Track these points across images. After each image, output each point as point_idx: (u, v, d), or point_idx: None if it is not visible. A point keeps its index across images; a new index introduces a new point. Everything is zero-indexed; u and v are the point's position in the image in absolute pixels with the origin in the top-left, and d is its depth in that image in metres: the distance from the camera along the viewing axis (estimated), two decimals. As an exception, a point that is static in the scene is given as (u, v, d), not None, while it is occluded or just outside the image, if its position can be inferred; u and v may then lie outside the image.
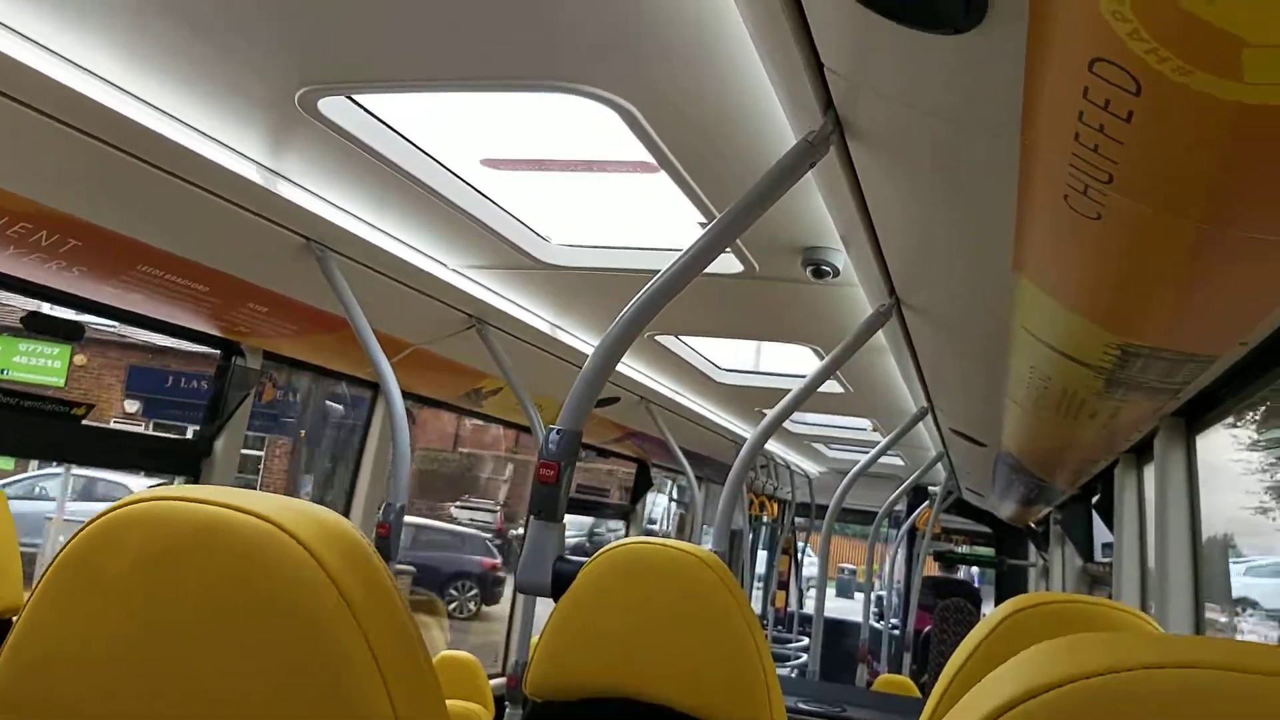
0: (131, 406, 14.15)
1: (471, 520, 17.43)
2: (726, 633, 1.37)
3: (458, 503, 17.93)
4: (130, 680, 0.62)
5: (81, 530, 0.66)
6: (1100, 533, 4.31)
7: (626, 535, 6.66)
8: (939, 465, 5.44)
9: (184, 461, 2.80)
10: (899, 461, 6.56)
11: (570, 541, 1.57)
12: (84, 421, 2.45)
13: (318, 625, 0.61)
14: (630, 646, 1.39)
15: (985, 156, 1.20)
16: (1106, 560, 4.18)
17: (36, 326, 2.43)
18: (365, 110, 1.83)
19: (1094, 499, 4.08)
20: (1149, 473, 2.74)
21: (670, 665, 1.37)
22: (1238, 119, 0.78)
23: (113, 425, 11.68)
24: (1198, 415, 2.17)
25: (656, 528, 13.08)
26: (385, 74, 1.57)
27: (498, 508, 18.19)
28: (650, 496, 6.94)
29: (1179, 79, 0.76)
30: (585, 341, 3.59)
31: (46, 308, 2.51)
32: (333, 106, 1.73)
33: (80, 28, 1.51)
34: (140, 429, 13.48)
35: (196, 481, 2.80)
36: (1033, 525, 7.11)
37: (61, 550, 0.66)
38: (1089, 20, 0.76)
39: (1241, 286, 1.21)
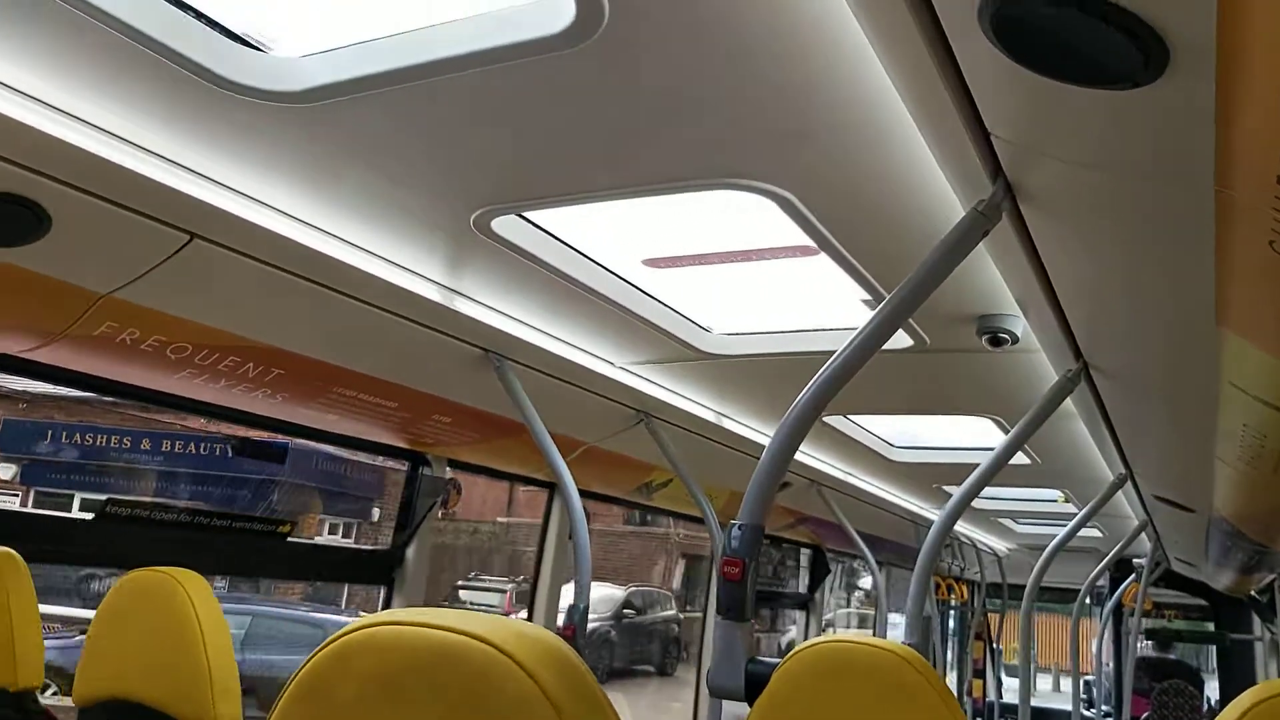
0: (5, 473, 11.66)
1: (471, 603, 14.84)
2: None
3: (461, 582, 16.04)
4: None
5: (315, 654, 0.69)
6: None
7: (806, 628, 6.46)
8: (1143, 535, 5.05)
9: (378, 571, 2.92)
10: (1097, 533, 6.13)
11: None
12: (288, 539, 2.61)
13: None
14: None
15: (1175, 210, 1.14)
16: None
17: (246, 452, 2.62)
18: (534, 225, 1.92)
19: None
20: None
21: None
22: None
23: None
24: None
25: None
26: (555, 189, 1.65)
27: (509, 586, 15.93)
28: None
29: None
30: (751, 428, 3.57)
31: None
32: (505, 225, 1.83)
33: (272, 173, 1.66)
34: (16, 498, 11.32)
35: (390, 591, 2.92)
36: (1255, 594, 6.45)
37: (295, 674, 0.70)
38: (1287, 58, 0.72)
39: None
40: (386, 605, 2.93)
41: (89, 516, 2.21)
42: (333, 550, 3.09)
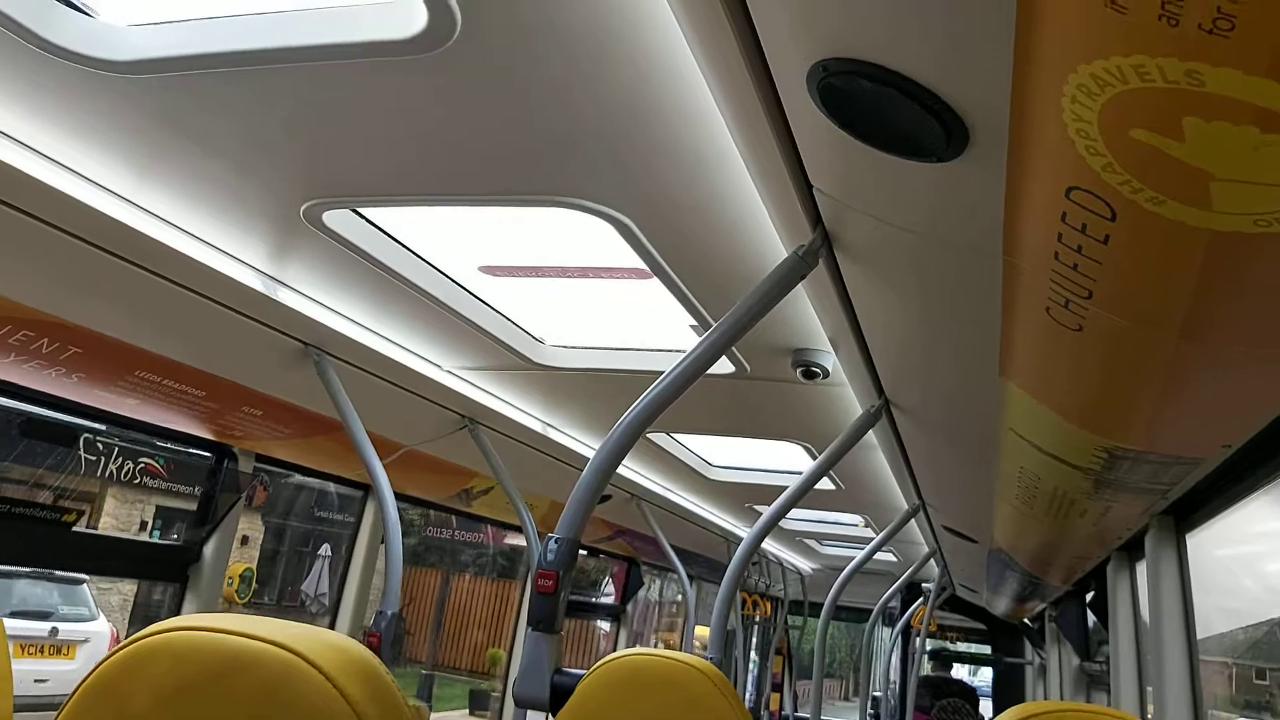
0: None
1: None
2: None
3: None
4: None
5: (105, 660, 0.66)
6: (1097, 630, 4.27)
7: (615, 638, 6.54)
8: (932, 561, 5.41)
9: (173, 568, 2.76)
10: (892, 558, 6.52)
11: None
12: (74, 528, 2.44)
13: None
14: None
15: (969, 272, 1.25)
16: (1103, 659, 4.14)
17: (33, 433, 2.43)
18: (368, 221, 1.89)
19: (1088, 596, 4.06)
20: (1141, 569, 2.74)
21: None
22: (1210, 244, 0.83)
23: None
24: (1187, 514, 2.19)
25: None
26: (390, 188, 1.63)
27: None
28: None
29: (1152, 208, 0.81)
30: (578, 440, 3.60)
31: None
32: (337, 219, 1.79)
33: (90, 144, 1.56)
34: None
35: (184, 588, 2.77)
36: (1028, 622, 7.03)
37: (85, 680, 0.66)
38: (1065, 153, 0.81)
39: (1221, 394, 1.25)
40: (178, 603, 2.78)
41: None
42: (124, 543, 2.90)
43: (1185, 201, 0.78)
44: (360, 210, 1.84)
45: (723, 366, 2.48)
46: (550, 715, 1.47)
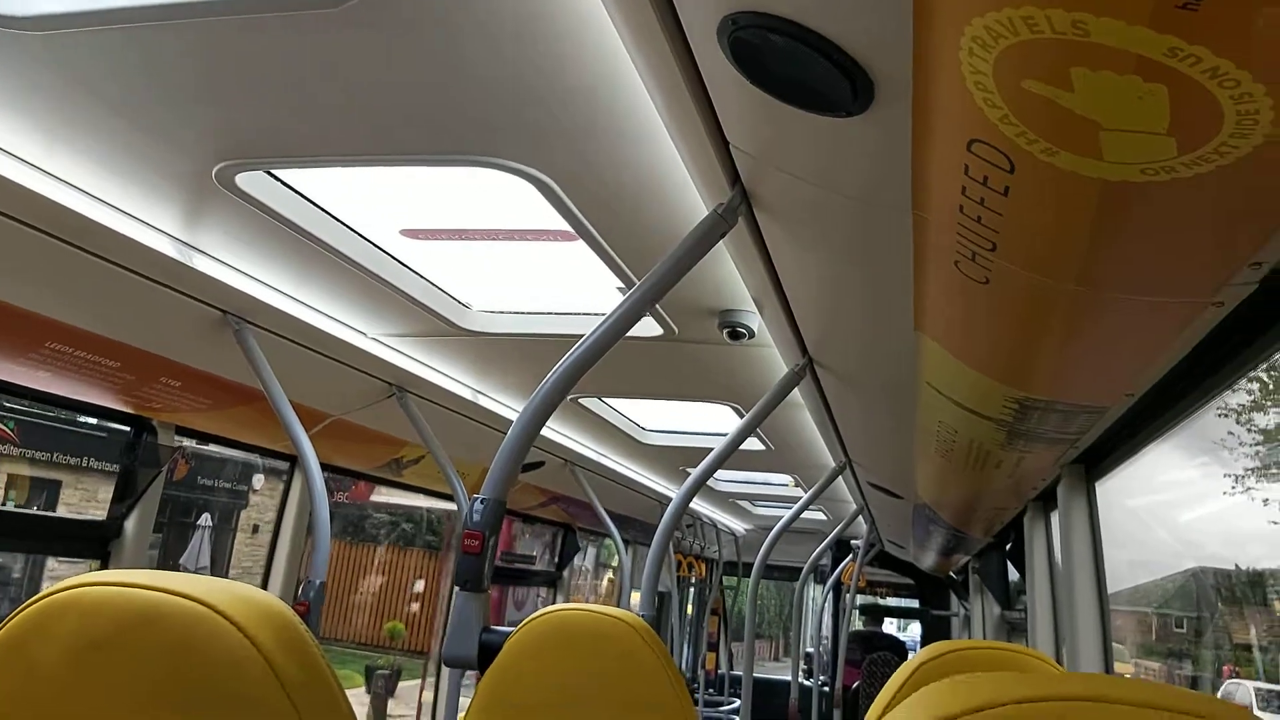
0: None
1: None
2: (655, 698, 1.39)
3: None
4: None
5: (13, 616, 0.65)
6: (1018, 581, 4.43)
7: (552, 603, 6.59)
8: (860, 519, 5.54)
9: (91, 544, 2.70)
10: (822, 516, 6.65)
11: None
12: (-15, 504, 2.36)
13: (254, 707, 0.61)
14: (560, 714, 1.40)
15: (881, 226, 1.28)
16: (1023, 608, 4.30)
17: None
18: (284, 184, 1.85)
19: (1008, 547, 4.21)
20: (1056, 519, 2.85)
21: None
22: (1102, 194, 0.86)
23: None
24: (1096, 462, 2.28)
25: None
26: (304, 149, 1.59)
27: None
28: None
29: (1047, 158, 0.83)
30: (508, 406, 3.60)
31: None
32: (251, 181, 1.74)
33: None
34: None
35: (105, 565, 2.71)
36: (953, 575, 7.26)
37: None
38: (964, 106, 0.83)
39: (1120, 343, 1.31)
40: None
41: None
42: (38, 519, 2.81)
43: (1077, 152, 0.81)
44: (275, 172, 1.80)
45: (650, 329, 2.50)
46: (479, 672, 1.48)
